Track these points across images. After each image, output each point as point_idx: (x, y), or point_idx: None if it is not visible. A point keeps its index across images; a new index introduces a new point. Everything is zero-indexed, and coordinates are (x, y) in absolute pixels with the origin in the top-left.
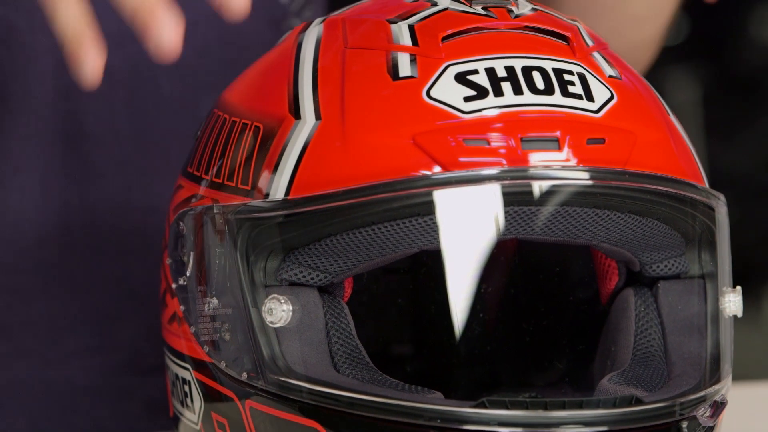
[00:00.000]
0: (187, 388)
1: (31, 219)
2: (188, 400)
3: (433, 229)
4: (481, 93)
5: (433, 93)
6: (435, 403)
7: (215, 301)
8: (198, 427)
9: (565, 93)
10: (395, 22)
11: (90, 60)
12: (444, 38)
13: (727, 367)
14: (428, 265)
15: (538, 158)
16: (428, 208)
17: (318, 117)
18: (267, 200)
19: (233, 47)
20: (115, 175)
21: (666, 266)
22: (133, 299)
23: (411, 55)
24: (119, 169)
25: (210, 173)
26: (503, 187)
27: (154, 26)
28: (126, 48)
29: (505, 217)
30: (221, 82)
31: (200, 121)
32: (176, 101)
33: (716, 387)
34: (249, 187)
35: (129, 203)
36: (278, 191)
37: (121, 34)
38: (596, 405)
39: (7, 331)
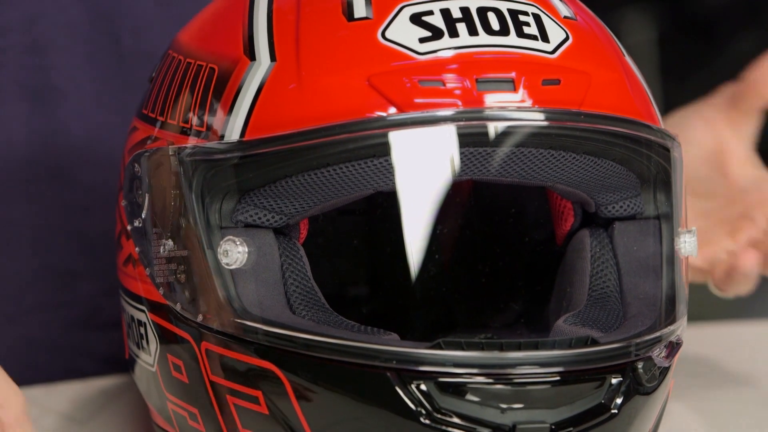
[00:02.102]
0: (142, 330)
1: None
2: (144, 342)
3: (389, 171)
4: (436, 34)
5: (388, 34)
6: (391, 345)
7: (171, 243)
8: (154, 369)
9: (521, 34)
10: None
11: None
12: None
13: (682, 307)
14: (384, 207)
15: (493, 99)
16: (384, 150)
17: (273, 58)
18: (222, 142)
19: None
20: (79, 130)
21: (621, 207)
22: (94, 255)
23: None
24: (83, 123)
25: (165, 115)
26: (458, 128)
27: None
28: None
29: (461, 159)
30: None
31: (155, 63)
32: (138, 54)
33: (672, 328)
34: (204, 129)
35: (93, 158)
36: (233, 133)
37: None
38: (552, 346)
39: None
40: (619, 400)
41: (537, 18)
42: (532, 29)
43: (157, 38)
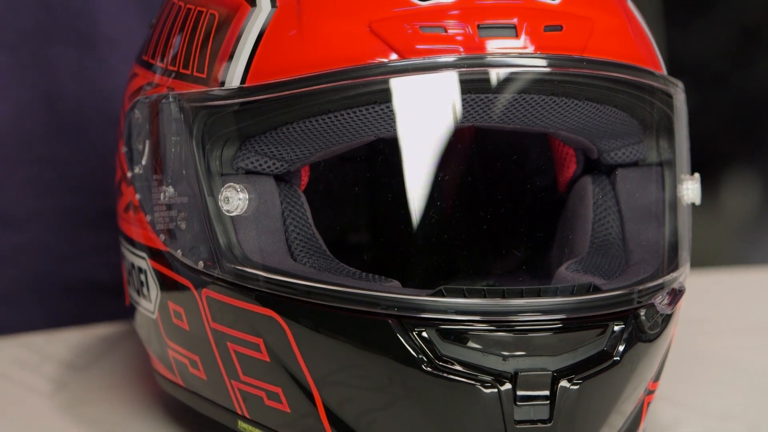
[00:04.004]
0: (143, 277)
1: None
2: (144, 289)
3: (390, 117)
4: None
5: None
6: (392, 292)
7: (171, 189)
8: (155, 317)
9: None
10: None
11: None
12: None
13: (685, 254)
14: (385, 153)
15: (495, 45)
16: (385, 96)
17: (273, 4)
18: (223, 88)
19: None
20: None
21: (624, 154)
22: None
23: None
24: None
25: (165, 61)
26: (460, 74)
27: None
28: None
29: (462, 105)
30: None
31: (154, 9)
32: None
33: (674, 274)
34: (204, 76)
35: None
36: (234, 79)
37: None
38: (554, 293)
39: (21, 225)
40: (621, 348)
41: None
42: None
43: None
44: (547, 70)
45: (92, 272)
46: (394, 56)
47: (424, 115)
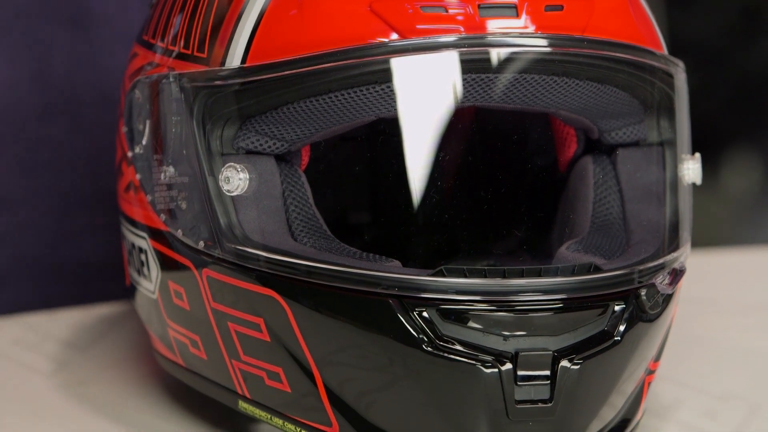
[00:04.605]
0: (143, 257)
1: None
2: (145, 269)
3: (391, 97)
4: None
5: None
6: (393, 272)
7: (171, 169)
8: (155, 296)
9: None
10: None
11: None
12: None
13: (685, 234)
14: (386, 133)
15: (495, 25)
16: (385, 76)
17: None
18: (223, 68)
19: None
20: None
21: (625, 133)
22: None
23: None
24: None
25: (165, 41)
26: (461, 54)
27: None
28: None
29: (463, 85)
30: None
31: None
32: None
33: (675, 254)
34: (205, 55)
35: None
36: (234, 59)
37: None
38: (555, 273)
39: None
40: (622, 328)
41: None
42: None
43: None
44: (548, 49)
45: (85, 254)
46: (394, 36)
47: (424, 94)
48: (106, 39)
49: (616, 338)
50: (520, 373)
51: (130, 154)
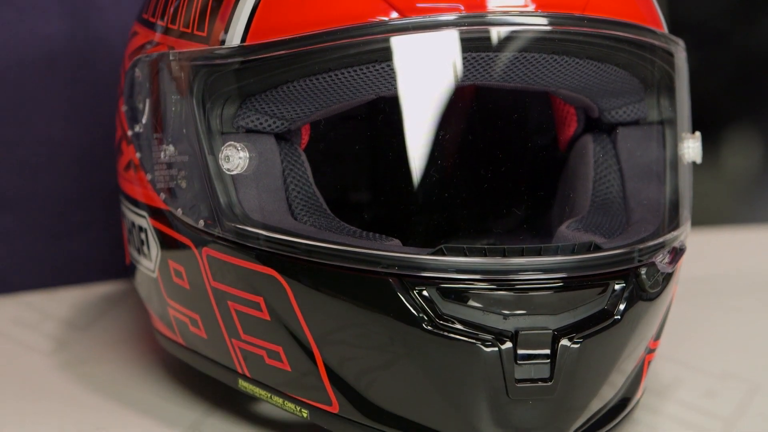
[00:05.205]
0: (143, 235)
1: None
2: (145, 248)
3: (391, 76)
4: None
5: None
6: (393, 250)
7: (171, 148)
8: (155, 275)
9: None
10: None
11: None
12: None
13: (685, 213)
14: (386, 112)
15: (495, 4)
16: (386, 55)
17: None
18: (223, 47)
19: None
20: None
21: (625, 112)
22: None
23: None
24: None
25: (165, 20)
26: (461, 33)
27: None
28: None
29: (463, 63)
30: None
31: None
32: None
33: (675, 233)
34: (205, 34)
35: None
36: (234, 38)
37: None
38: (555, 252)
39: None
40: (622, 306)
41: None
42: None
43: None
44: (548, 28)
45: (82, 251)
46: (394, 15)
47: (424, 73)
48: (105, 30)
49: (616, 317)
50: (520, 351)
51: (130, 132)
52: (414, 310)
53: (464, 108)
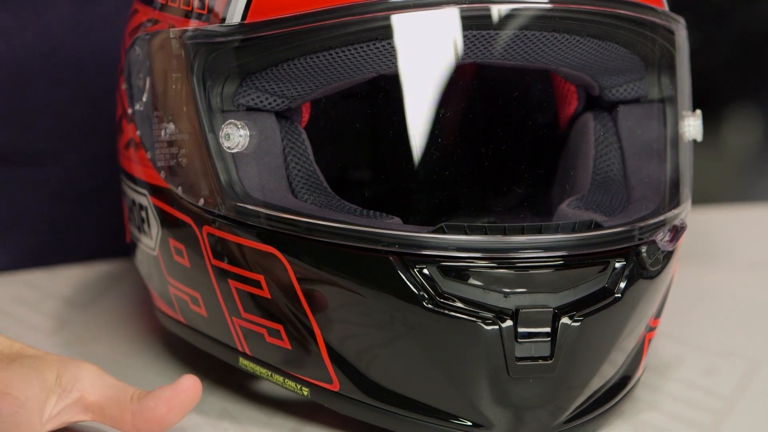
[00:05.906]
0: (143, 213)
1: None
2: (145, 225)
3: (391, 54)
4: None
5: None
6: (393, 228)
7: (172, 126)
8: (155, 253)
9: None
10: None
11: None
12: None
13: (686, 191)
14: (386, 90)
15: None
16: (386, 33)
17: None
18: (223, 25)
19: None
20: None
21: (625, 90)
22: None
23: None
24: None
25: None
26: (461, 11)
27: None
28: None
29: (464, 41)
30: None
31: None
32: None
33: (675, 211)
34: (205, 12)
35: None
36: (235, 15)
37: None
38: (555, 230)
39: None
40: (622, 285)
41: None
42: None
43: None
44: (549, 6)
45: (80, 246)
46: None
47: (425, 51)
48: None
49: (616, 295)
50: (521, 330)
51: (130, 110)
52: (414, 288)
53: (464, 86)
